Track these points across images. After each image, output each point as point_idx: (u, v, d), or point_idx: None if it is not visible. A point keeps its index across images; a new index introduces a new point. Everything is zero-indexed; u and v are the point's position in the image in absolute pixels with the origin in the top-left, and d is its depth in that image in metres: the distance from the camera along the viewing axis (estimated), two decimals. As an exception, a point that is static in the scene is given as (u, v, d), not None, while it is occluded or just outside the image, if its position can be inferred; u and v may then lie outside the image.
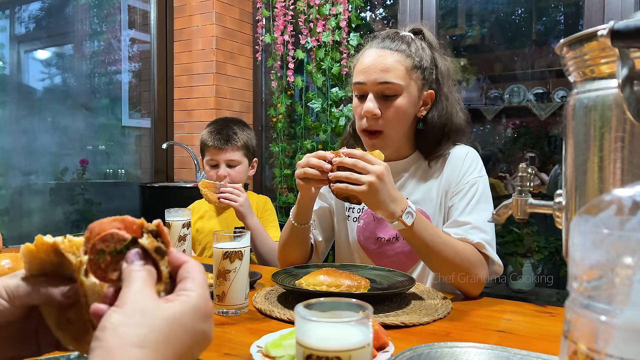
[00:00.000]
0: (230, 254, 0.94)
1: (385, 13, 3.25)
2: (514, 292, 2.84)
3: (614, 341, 0.32)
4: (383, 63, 1.16)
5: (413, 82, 1.18)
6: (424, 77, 1.20)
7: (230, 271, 0.94)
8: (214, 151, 1.76)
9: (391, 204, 1.01)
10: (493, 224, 1.15)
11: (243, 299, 0.96)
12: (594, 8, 2.08)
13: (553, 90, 3.01)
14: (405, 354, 0.68)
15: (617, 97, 0.47)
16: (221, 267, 0.94)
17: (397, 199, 1.02)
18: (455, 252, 1.08)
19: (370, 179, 0.99)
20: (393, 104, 1.17)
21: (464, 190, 1.20)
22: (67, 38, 3.41)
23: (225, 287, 0.94)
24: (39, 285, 0.50)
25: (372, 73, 1.17)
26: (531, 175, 0.65)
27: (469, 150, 1.27)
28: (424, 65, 1.20)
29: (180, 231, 1.42)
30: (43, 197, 3.08)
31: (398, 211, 1.02)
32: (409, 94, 1.18)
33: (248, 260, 0.97)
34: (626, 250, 0.32)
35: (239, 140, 1.77)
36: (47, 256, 0.49)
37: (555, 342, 0.81)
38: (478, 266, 1.09)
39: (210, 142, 1.76)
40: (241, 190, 1.66)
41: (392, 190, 1.02)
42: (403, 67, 1.16)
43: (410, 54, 1.18)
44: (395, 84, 1.16)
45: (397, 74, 1.16)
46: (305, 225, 1.25)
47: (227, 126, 1.79)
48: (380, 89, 1.17)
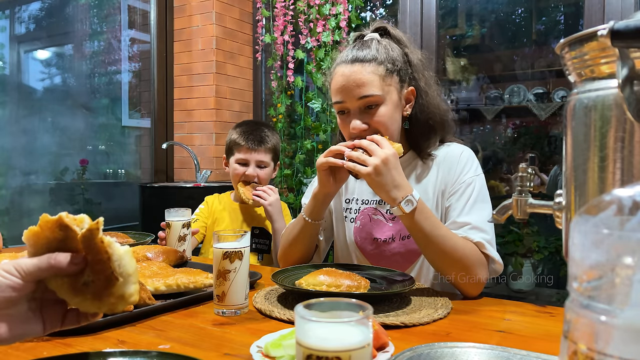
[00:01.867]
0: (230, 254, 0.94)
1: (385, 13, 3.25)
2: (514, 292, 2.84)
3: (614, 341, 0.32)
4: (358, 79, 1.15)
5: (391, 87, 1.18)
6: (400, 78, 1.19)
7: (230, 271, 0.94)
8: (246, 151, 1.79)
9: (393, 189, 1.05)
10: (492, 223, 1.15)
11: (243, 299, 0.96)
12: (594, 8, 2.08)
13: (553, 90, 3.01)
14: (405, 354, 0.67)
15: (617, 97, 0.47)
16: (221, 267, 0.94)
17: (400, 185, 1.05)
18: (455, 247, 1.08)
19: (375, 162, 1.04)
20: (377, 113, 1.16)
21: (460, 189, 1.20)
22: (67, 38, 3.41)
23: (225, 287, 0.94)
24: (46, 260, 0.55)
25: (350, 90, 1.16)
26: (531, 175, 0.65)
27: (464, 150, 1.26)
28: (397, 66, 1.19)
29: (180, 231, 1.42)
30: (43, 197, 3.08)
31: (399, 197, 1.05)
32: (390, 100, 1.17)
33: (248, 260, 0.97)
34: (626, 250, 0.32)
35: (269, 143, 1.82)
36: (52, 233, 0.57)
37: (555, 342, 0.81)
38: (478, 265, 1.09)
39: (242, 142, 1.79)
40: (274, 192, 1.73)
41: (397, 176, 1.05)
42: (377, 77, 1.15)
43: (382, 61, 1.16)
44: (375, 95, 1.15)
45: (374, 85, 1.15)
46: (318, 221, 1.25)
47: (259, 128, 1.84)
48: (361, 104, 1.16)
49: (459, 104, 3.32)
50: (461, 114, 3.28)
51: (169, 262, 1.26)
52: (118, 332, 0.84)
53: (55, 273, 0.56)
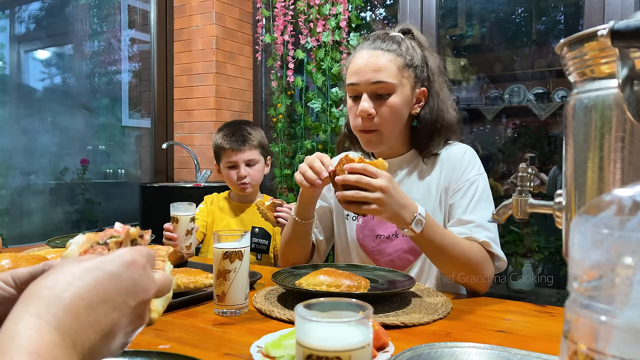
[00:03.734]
0: (230, 254, 0.94)
1: (386, 13, 3.25)
2: (514, 292, 2.84)
3: (614, 341, 0.32)
4: (375, 63, 1.18)
5: (406, 80, 1.20)
6: (416, 75, 1.22)
7: (230, 271, 0.94)
8: (231, 153, 1.79)
9: (401, 212, 1.02)
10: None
11: (243, 299, 0.96)
12: (594, 8, 2.08)
13: (553, 90, 3.01)
14: (405, 354, 0.67)
15: (617, 97, 0.47)
16: (221, 267, 0.94)
17: (406, 206, 1.03)
18: (463, 251, 1.10)
19: (377, 196, 0.99)
20: (387, 102, 1.18)
21: (464, 187, 1.22)
22: (67, 38, 3.42)
23: (225, 287, 0.94)
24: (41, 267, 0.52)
25: (365, 73, 1.18)
26: (531, 175, 0.65)
27: (467, 149, 1.29)
28: (415, 63, 1.22)
29: (188, 225, 1.42)
30: (43, 197, 3.08)
31: (409, 218, 1.03)
32: (402, 92, 1.20)
33: (248, 260, 0.97)
34: (626, 250, 0.32)
35: (254, 140, 1.81)
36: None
37: (555, 342, 0.81)
38: (485, 264, 1.12)
39: (227, 145, 1.79)
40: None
41: (400, 199, 1.02)
42: (395, 66, 1.18)
43: (401, 53, 1.20)
44: (388, 83, 1.17)
45: (390, 73, 1.18)
46: (307, 220, 1.26)
47: (239, 127, 1.83)
48: (373, 89, 1.18)
49: (459, 104, 3.32)
50: (461, 114, 3.28)
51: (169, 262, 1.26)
52: (118, 332, 0.84)
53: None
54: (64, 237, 1.49)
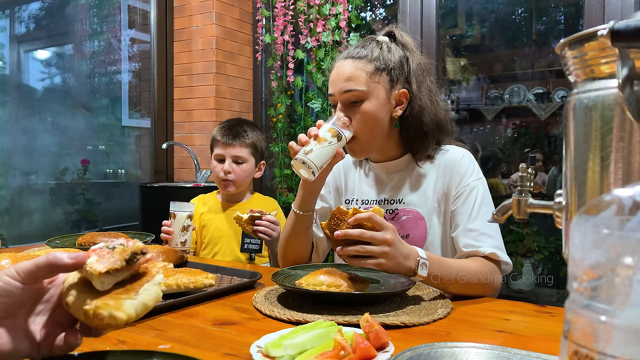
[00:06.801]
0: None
1: (386, 13, 3.25)
2: (514, 292, 2.84)
3: (614, 341, 0.32)
4: (344, 73, 1.21)
5: (378, 84, 1.20)
6: (391, 77, 1.22)
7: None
8: (221, 146, 1.80)
9: (405, 262, 1.00)
10: (498, 224, 1.17)
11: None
12: (594, 8, 2.08)
13: (553, 90, 3.01)
14: (405, 354, 0.67)
15: (617, 97, 0.47)
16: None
17: (409, 255, 1.01)
18: (471, 274, 1.09)
19: (382, 250, 0.97)
20: (360, 109, 1.20)
21: (465, 193, 1.21)
22: (67, 38, 3.42)
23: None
24: (44, 258, 0.55)
25: (337, 83, 1.21)
26: (531, 175, 0.65)
27: (464, 153, 1.27)
28: (389, 66, 1.21)
29: (184, 222, 1.52)
30: (43, 197, 3.09)
31: (413, 265, 1.01)
32: (375, 97, 1.20)
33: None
34: (626, 250, 0.32)
35: (247, 138, 1.80)
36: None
37: (555, 342, 0.81)
38: (493, 277, 1.14)
39: (219, 137, 1.80)
40: (277, 224, 1.57)
41: (403, 249, 1.00)
42: (364, 73, 1.20)
43: (372, 59, 1.21)
44: (358, 90, 1.19)
45: (359, 80, 1.19)
46: (308, 212, 1.26)
47: (238, 124, 1.83)
48: (345, 98, 1.21)
49: (459, 104, 3.33)
50: (461, 114, 3.28)
51: (169, 262, 1.26)
52: (118, 332, 0.84)
53: (52, 271, 0.55)
54: (64, 237, 1.49)
